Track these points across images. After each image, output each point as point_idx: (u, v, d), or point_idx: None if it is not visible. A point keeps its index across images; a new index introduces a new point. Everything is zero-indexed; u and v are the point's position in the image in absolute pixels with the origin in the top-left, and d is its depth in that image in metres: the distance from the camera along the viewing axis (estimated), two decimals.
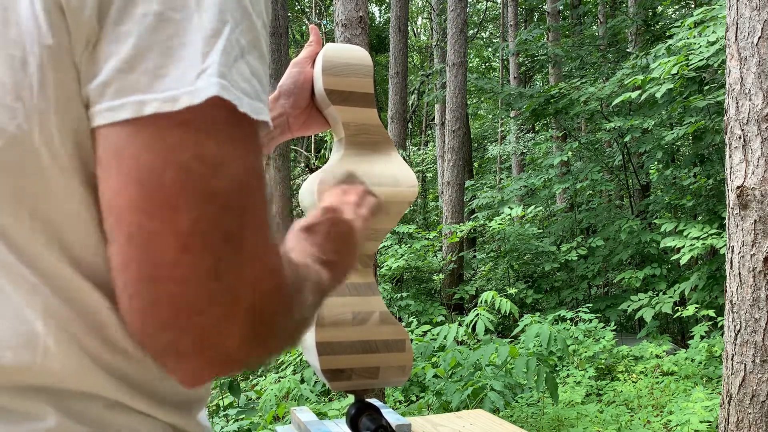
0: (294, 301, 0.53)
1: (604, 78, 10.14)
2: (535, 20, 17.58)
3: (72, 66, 0.46)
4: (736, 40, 2.94)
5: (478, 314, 5.11)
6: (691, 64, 5.66)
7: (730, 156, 2.98)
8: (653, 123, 7.70)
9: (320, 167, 1.07)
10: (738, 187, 2.91)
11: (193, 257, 0.44)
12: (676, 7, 12.17)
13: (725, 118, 3.03)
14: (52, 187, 0.47)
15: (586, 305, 7.27)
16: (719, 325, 5.80)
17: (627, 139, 8.57)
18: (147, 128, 0.44)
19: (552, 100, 9.15)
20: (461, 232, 9.12)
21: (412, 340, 5.25)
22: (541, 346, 4.95)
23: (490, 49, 21.18)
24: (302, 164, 16.83)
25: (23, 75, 0.46)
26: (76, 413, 0.49)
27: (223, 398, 4.04)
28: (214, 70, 0.45)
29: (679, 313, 6.38)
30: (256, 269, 0.47)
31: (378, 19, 23.07)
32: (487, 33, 22.52)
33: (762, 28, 2.84)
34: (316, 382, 5.07)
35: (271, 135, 1.01)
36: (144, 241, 0.44)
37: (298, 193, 1.08)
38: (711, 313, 6.06)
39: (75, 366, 0.49)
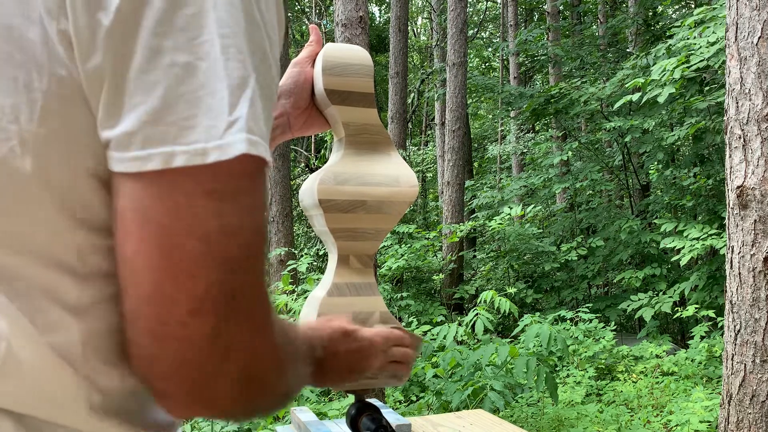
0: (286, 364, 0.54)
1: (605, 78, 10.15)
2: (535, 20, 17.58)
3: (84, 104, 0.46)
4: (736, 40, 2.94)
5: (477, 314, 5.11)
6: (692, 65, 5.66)
7: (730, 156, 2.98)
8: (653, 123, 7.70)
9: (320, 167, 1.07)
10: (738, 187, 2.91)
11: (200, 320, 0.45)
12: (677, 7, 12.17)
13: (725, 118, 3.03)
14: (38, 216, 0.47)
15: (586, 305, 7.27)
16: (719, 325, 5.80)
17: (627, 139, 8.57)
18: (174, 192, 0.44)
19: (552, 100, 9.15)
20: (461, 232, 9.12)
21: None
22: (541, 346, 4.95)
23: (490, 49, 21.18)
24: (302, 164, 16.84)
25: (24, 98, 0.45)
26: (35, 428, 0.48)
27: None
28: (243, 124, 0.45)
29: (679, 313, 6.38)
30: (250, 327, 0.48)
31: (378, 19, 23.07)
32: (487, 33, 22.52)
33: (762, 28, 2.84)
34: None
35: (272, 135, 1.01)
36: (156, 301, 0.45)
37: (298, 193, 1.08)
38: (711, 313, 6.06)
39: (38, 392, 0.48)
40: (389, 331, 0.89)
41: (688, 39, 5.93)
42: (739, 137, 2.91)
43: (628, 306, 6.90)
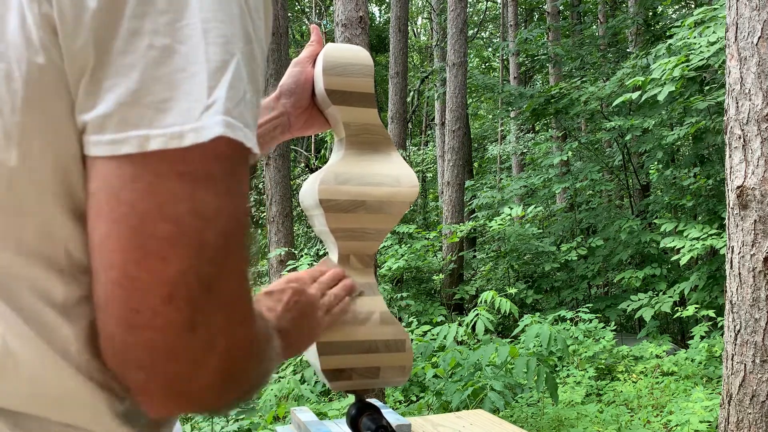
0: (264, 352, 0.54)
1: (605, 78, 10.15)
2: (535, 20, 17.59)
3: (65, 89, 0.45)
4: (736, 40, 2.94)
5: (478, 314, 5.11)
6: (692, 65, 5.66)
7: (730, 156, 2.98)
8: (653, 123, 7.70)
9: (320, 167, 1.07)
10: (738, 187, 2.91)
11: (174, 308, 0.44)
12: (677, 7, 12.17)
13: (725, 118, 3.03)
14: (26, 210, 0.46)
15: (586, 305, 7.27)
16: (719, 325, 5.80)
17: (627, 138, 8.57)
18: (147, 174, 0.43)
19: (552, 100, 9.15)
20: (461, 232, 9.12)
21: (412, 340, 5.25)
22: (541, 346, 4.95)
23: (490, 49, 21.18)
24: (302, 164, 16.84)
25: (5, 90, 0.44)
26: (26, 427, 0.48)
27: None
28: (220, 106, 0.44)
29: (679, 313, 6.38)
30: (230, 318, 0.47)
31: (378, 19, 23.07)
32: (487, 33, 22.52)
33: (762, 28, 2.84)
34: (316, 382, 5.07)
35: (273, 135, 1.01)
36: (128, 288, 0.43)
37: (298, 193, 1.08)
38: (711, 313, 6.06)
39: (24, 389, 0.48)
40: (318, 279, 0.86)
41: (687, 39, 5.93)
42: (739, 137, 2.91)
43: (628, 306, 6.90)
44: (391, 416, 1.39)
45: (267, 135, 0.99)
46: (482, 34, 21.94)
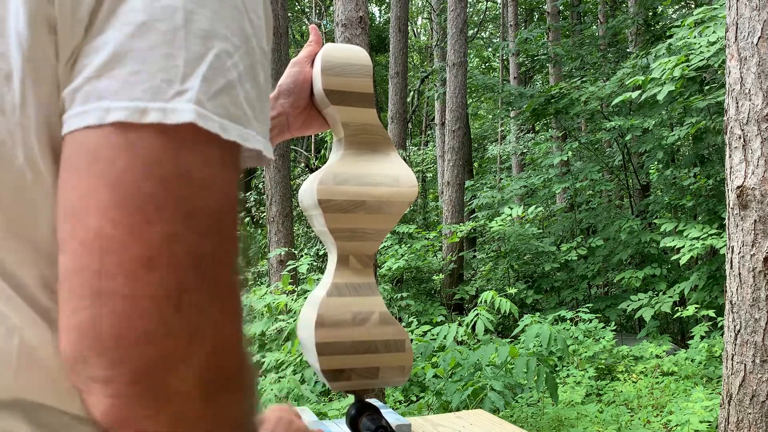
0: (248, 379, 0.47)
1: (605, 78, 10.15)
2: (535, 20, 17.59)
3: (55, 82, 0.44)
4: (736, 40, 2.94)
5: (478, 314, 5.11)
6: (692, 64, 5.66)
7: (730, 156, 2.98)
8: (653, 123, 7.70)
9: (320, 167, 1.07)
10: (738, 187, 2.91)
11: (155, 275, 0.39)
12: (676, 7, 12.17)
13: (725, 118, 3.03)
14: (36, 210, 0.45)
15: (586, 305, 7.27)
16: (719, 325, 5.80)
17: (627, 138, 8.56)
18: (124, 132, 0.40)
19: (552, 100, 9.15)
20: (461, 232, 9.12)
21: (412, 340, 5.26)
22: (541, 346, 4.95)
23: (490, 49, 21.18)
24: (302, 164, 16.84)
25: (7, 89, 0.44)
26: (49, 426, 0.48)
27: None
28: (192, 95, 0.42)
29: (679, 313, 6.38)
30: (222, 309, 0.42)
31: (378, 19, 23.07)
32: (487, 33, 22.53)
33: (762, 28, 2.84)
34: (316, 382, 5.07)
35: (270, 135, 1.01)
36: (101, 248, 0.39)
37: (298, 193, 1.08)
38: (711, 313, 6.06)
39: (43, 382, 0.47)
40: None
41: (687, 39, 5.93)
42: (739, 137, 2.91)
43: (628, 306, 6.90)
44: (391, 416, 1.39)
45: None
46: (482, 34, 21.95)
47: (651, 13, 11.52)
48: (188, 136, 0.42)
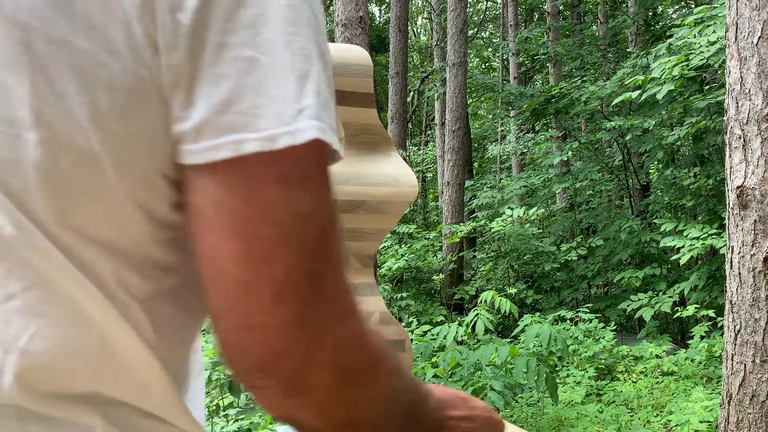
0: (382, 364, 0.53)
1: (605, 78, 10.14)
2: (535, 20, 17.58)
3: (159, 100, 0.47)
4: (736, 40, 2.94)
5: (478, 314, 5.10)
6: (692, 65, 5.66)
7: (730, 156, 2.98)
8: (653, 123, 7.70)
9: None
10: (738, 187, 2.91)
11: (284, 306, 0.46)
12: (676, 7, 12.17)
13: (725, 118, 3.03)
14: (113, 212, 0.49)
15: (586, 305, 7.26)
16: (719, 325, 5.79)
17: (627, 138, 8.56)
18: (245, 179, 0.45)
19: (552, 100, 9.15)
20: (461, 232, 9.11)
21: (412, 340, 5.25)
22: (541, 346, 4.95)
23: (490, 49, 21.18)
24: None
25: (105, 96, 0.46)
26: (119, 422, 0.51)
27: (223, 398, 4.04)
28: (312, 112, 0.46)
29: (679, 313, 6.37)
30: (336, 311, 0.48)
31: (378, 19, 23.07)
32: (487, 33, 22.52)
33: (762, 28, 2.84)
34: None
35: None
36: (238, 291, 0.46)
37: None
38: (711, 313, 6.06)
39: (118, 377, 0.51)
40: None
41: (687, 39, 5.93)
42: (739, 137, 2.91)
43: (628, 306, 6.90)
44: None
45: None
46: (482, 34, 21.94)
47: (651, 13, 11.52)
48: (306, 157, 0.47)
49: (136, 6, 0.46)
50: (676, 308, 6.59)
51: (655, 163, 8.64)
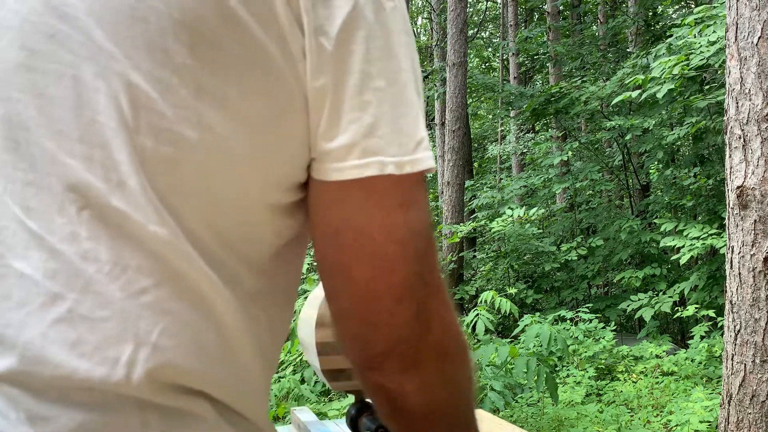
0: (465, 350, 0.61)
1: (605, 77, 10.14)
2: (535, 20, 17.58)
3: (304, 113, 0.52)
4: (736, 40, 2.94)
5: (478, 314, 5.10)
6: (692, 64, 5.66)
7: (730, 156, 2.98)
8: (653, 123, 7.70)
9: None
10: (738, 187, 2.91)
11: (405, 306, 0.54)
12: (676, 7, 12.17)
13: (725, 118, 3.03)
14: (249, 218, 0.54)
15: (586, 305, 7.26)
16: (719, 325, 5.79)
17: (627, 138, 8.56)
18: (379, 205, 0.53)
19: (552, 100, 9.15)
20: (461, 232, 9.11)
21: None
22: (541, 346, 4.95)
23: (490, 49, 21.18)
24: None
25: (263, 104, 0.51)
26: (225, 417, 0.53)
27: None
28: (427, 143, 0.54)
29: (679, 313, 6.37)
30: (440, 303, 0.57)
31: None
32: (487, 33, 22.52)
33: (762, 28, 2.84)
34: (316, 382, 5.07)
35: None
36: (369, 297, 0.54)
37: None
38: (711, 313, 6.06)
39: (230, 379, 0.54)
40: None
41: (687, 38, 5.93)
42: (739, 137, 2.91)
43: (628, 306, 6.90)
44: None
45: None
46: (482, 34, 21.94)
47: (651, 13, 11.52)
48: (422, 178, 0.55)
49: (291, 21, 0.50)
50: (676, 308, 6.59)
51: (655, 163, 8.64)
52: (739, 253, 2.93)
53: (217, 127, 0.50)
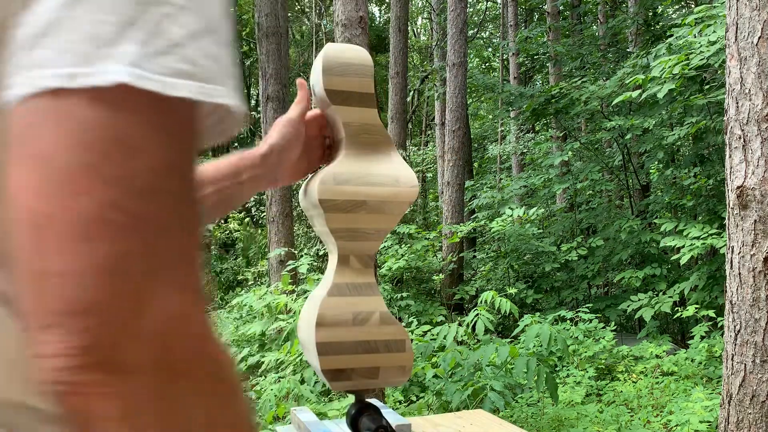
0: (218, 372, 0.42)
1: (605, 77, 10.14)
2: (535, 20, 17.59)
3: None
4: (736, 40, 2.94)
5: (478, 314, 5.11)
6: (692, 64, 5.66)
7: (730, 156, 2.98)
8: (653, 123, 7.70)
9: (321, 167, 1.07)
10: (738, 187, 2.91)
11: (91, 247, 0.37)
12: (676, 7, 12.17)
13: (725, 118, 3.03)
14: None
15: (586, 305, 7.26)
16: (719, 325, 5.80)
17: (627, 138, 8.55)
18: (52, 102, 0.39)
19: (552, 100, 9.15)
20: (461, 232, 9.11)
21: (412, 340, 5.25)
22: (541, 346, 4.95)
23: (490, 49, 21.18)
24: None
25: None
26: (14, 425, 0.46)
27: None
28: (124, 57, 0.40)
29: (679, 314, 6.37)
30: (168, 277, 0.40)
31: (378, 19, 23.08)
32: (487, 33, 22.52)
33: (762, 28, 2.84)
34: (316, 382, 5.07)
35: (256, 187, 1.01)
36: (39, 228, 0.38)
37: (298, 193, 1.08)
38: (711, 313, 6.06)
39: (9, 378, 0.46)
40: None
41: (688, 38, 5.93)
42: (739, 137, 2.91)
43: (628, 306, 6.90)
44: (391, 416, 1.39)
45: (251, 187, 1.00)
46: (482, 34, 21.94)
47: (651, 13, 11.52)
48: (121, 98, 0.40)
49: None
50: (676, 308, 6.59)
51: (655, 163, 8.64)
52: (739, 253, 2.93)
53: None
